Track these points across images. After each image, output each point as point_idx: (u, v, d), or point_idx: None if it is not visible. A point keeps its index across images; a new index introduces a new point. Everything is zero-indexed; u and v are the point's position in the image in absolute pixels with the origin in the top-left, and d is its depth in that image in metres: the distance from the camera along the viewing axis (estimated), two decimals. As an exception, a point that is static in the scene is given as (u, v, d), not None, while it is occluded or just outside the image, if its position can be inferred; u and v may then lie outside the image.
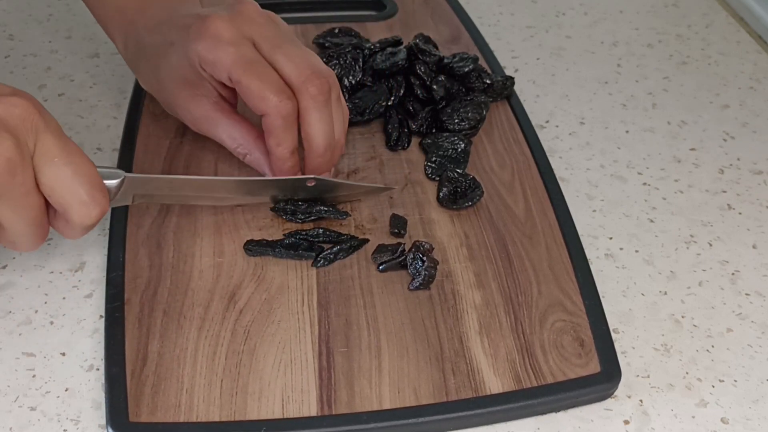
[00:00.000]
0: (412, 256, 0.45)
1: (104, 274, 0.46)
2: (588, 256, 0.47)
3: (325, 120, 0.46)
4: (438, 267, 0.45)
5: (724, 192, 0.55)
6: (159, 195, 0.46)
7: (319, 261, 0.45)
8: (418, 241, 0.46)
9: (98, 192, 0.38)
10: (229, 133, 0.48)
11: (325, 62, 0.59)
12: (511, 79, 0.59)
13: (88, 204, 0.38)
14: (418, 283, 0.44)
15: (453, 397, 0.39)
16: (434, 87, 0.56)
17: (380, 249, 0.46)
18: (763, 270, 0.49)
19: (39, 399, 0.40)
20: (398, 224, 0.48)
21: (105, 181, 0.40)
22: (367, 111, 0.56)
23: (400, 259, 0.45)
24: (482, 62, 0.62)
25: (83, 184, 0.38)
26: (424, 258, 0.44)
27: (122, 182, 0.42)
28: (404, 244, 0.46)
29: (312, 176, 0.47)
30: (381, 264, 0.45)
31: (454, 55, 0.59)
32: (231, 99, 0.49)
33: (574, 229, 0.49)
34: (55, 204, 0.38)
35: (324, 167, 0.48)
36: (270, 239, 0.46)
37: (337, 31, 0.64)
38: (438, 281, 0.45)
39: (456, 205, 0.49)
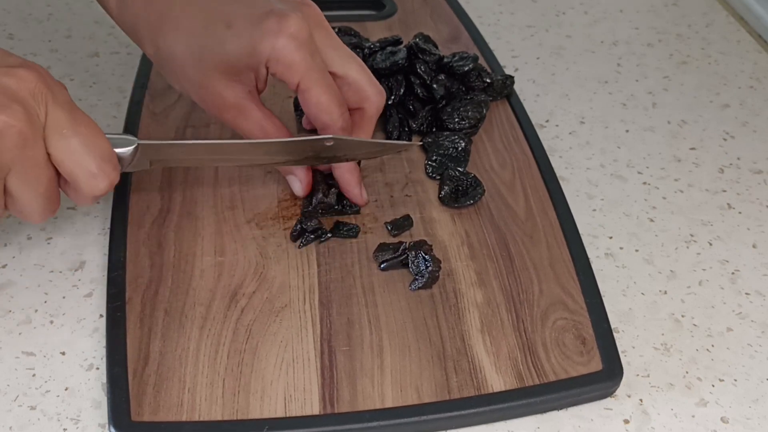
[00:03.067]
0: (413, 254, 0.45)
1: (104, 273, 0.46)
2: (588, 256, 0.47)
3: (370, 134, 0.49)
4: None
5: (724, 191, 0.55)
6: (175, 159, 0.46)
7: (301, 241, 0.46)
8: (419, 240, 0.46)
9: (107, 163, 0.39)
10: (260, 125, 0.46)
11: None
12: (511, 78, 0.59)
13: (97, 176, 0.39)
14: (420, 284, 0.44)
15: (455, 395, 0.39)
16: (434, 86, 0.56)
17: (382, 248, 0.46)
18: (763, 269, 0.49)
19: (39, 398, 0.40)
20: (400, 224, 0.48)
21: (118, 150, 0.41)
22: (368, 110, 0.56)
23: (402, 258, 0.45)
24: (482, 61, 0.62)
25: (92, 156, 0.38)
26: (427, 257, 0.44)
27: (136, 149, 0.42)
28: (406, 243, 0.46)
29: (330, 136, 0.46)
30: (382, 262, 0.45)
31: (453, 55, 0.59)
32: (261, 91, 0.48)
33: (575, 228, 0.49)
34: (65, 174, 0.39)
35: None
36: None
37: (336, 30, 0.64)
38: (439, 280, 0.45)
39: (458, 204, 0.49)
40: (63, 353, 0.42)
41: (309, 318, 0.43)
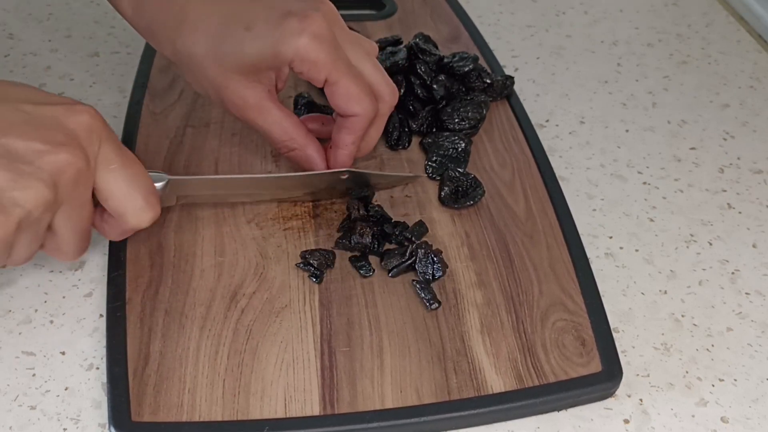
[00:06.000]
0: (423, 253, 0.44)
1: (104, 273, 0.46)
2: (588, 256, 0.47)
3: (381, 128, 0.50)
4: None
5: (724, 191, 0.55)
6: (199, 195, 0.48)
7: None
8: (425, 242, 0.46)
9: (153, 196, 0.41)
10: (281, 124, 0.47)
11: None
12: (511, 78, 0.59)
13: (145, 208, 0.40)
14: (430, 295, 0.44)
15: (455, 396, 0.39)
16: (434, 86, 0.56)
17: (388, 254, 0.46)
18: (763, 269, 0.49)
19: (39, 398, 0.40)
20: (418, 231, 0.48)
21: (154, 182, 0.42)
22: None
23: (410, 262, 0.45)
24: (482, 62, 0.62)
25: (140, 190, 0.40)
26: (436, 259, 0.44)
27: (167, 184, 0.44)
28: (411, 245, 0.46)
29: (346, 169, 0.48)
30: (392, 269, 0.45)
31: (454, 55, 0.59)
32: (279, 90, 0.49)
33: (575, 228, 0.49)
34: (112, 209, 0.40)
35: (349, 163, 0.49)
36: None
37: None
38: (439, 281, 0.45)
39: (458, 204, 0.49)
40: (63, 353, 0.42)
41: (309, 318, 0.43)
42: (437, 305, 0.43)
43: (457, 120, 0.55)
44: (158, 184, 0.43)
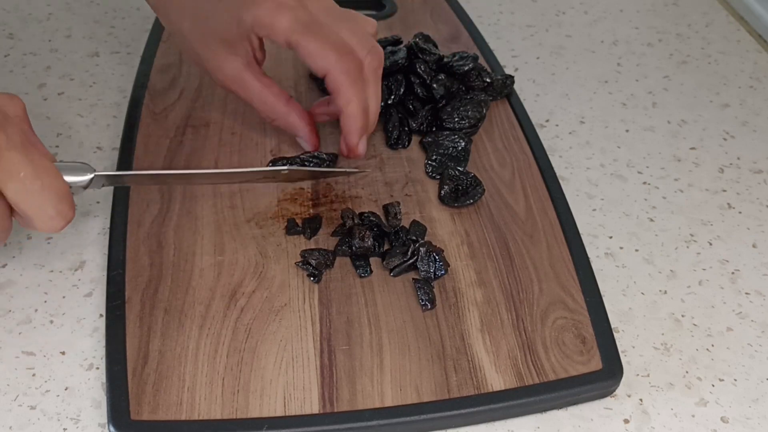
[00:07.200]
0: (424, 252, 0.44)
1: (104, 273, 0.46)
2: (588, 255, 0.47)
3: (375, 95, 0.49)
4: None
5: (724, 191, 0.55)
6: (131, 183, 0.48)
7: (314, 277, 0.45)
8: (428, 242, 0.46)
9: (65, 205, 0.38)
10: (260, 95, 0.49)
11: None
12: (511, 77, 0.59)
13: (54, 218, 0.38)
14: (428, 296, 0.44)
15: (455, 394, 0.39)
16: (434, 86, 0.56)
17: (390, 253, 0.46)
18: (763, 269, 0.49)
19: (39, 398, 0.40)
20: (417, 231, 0.48)
21: (74, 178, 0.41)
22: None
23: (412, 261, 0.45)
24: (482, 61, 0.62)
25: (51, 199, 0.38)
26: (438, 257, 0.44)
27: (92, 180, 0.42)
28: (413, 246, 0.46)
29: (286, 168, 0.49)
30: (393, 268, 0.45)
31: (454, 54, 0.59)
32: (261, 61, 0.51)
33: (575, 227, 0.49)
34: (20, 214, 0.38)
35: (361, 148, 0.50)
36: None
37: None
38: (439, 279, 0.45)
39: (458, 203, 0.49)
40: (63, 353, 0.42)
41: (308, 317, 0.43)
42: (430, 306, 0.43)
43: (456, 119, 0.55)
44: (84, 178, 0.41)
